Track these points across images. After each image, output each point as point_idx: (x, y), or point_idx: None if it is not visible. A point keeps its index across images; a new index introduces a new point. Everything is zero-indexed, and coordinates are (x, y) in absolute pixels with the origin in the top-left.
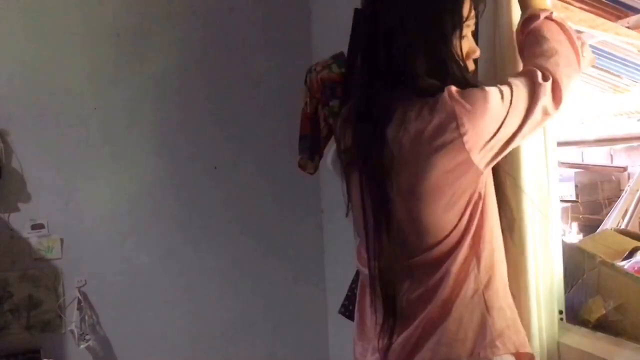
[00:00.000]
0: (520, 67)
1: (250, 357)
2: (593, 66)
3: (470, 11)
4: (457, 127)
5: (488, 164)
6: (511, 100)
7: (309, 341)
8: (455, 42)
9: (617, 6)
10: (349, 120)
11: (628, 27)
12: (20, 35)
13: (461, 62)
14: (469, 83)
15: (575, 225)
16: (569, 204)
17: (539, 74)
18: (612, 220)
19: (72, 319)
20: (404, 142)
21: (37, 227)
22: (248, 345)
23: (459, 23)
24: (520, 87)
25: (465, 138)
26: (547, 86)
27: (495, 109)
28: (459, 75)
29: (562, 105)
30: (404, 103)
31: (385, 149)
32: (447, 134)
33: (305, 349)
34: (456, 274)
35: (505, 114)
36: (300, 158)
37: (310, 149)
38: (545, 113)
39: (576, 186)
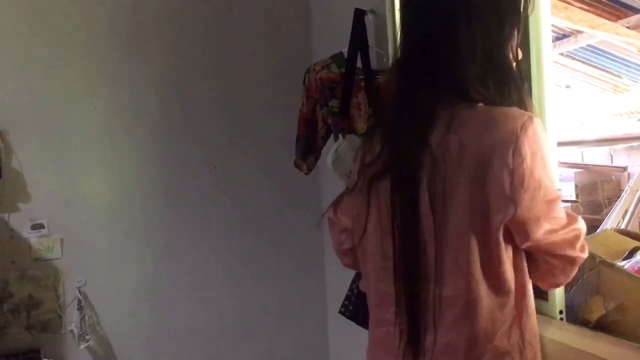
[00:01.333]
0: None
1: (250, 357)
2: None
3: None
4: (514, 157)
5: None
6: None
7: (309, 341)
8: (513, 44)
9: (617, 6)
10: (377, 129)
11: (628, 27)
12: (21, 35)
13: (515, 67)
14: (525, 91)
15: None
16: (569, 204)
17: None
18: (612, 220)
19: (72, 319)
20: (451, 147)
21: (37, 227)
22: (248, 345)
23: (517, 22)
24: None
25: (515, 171)
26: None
27: (547, 179)
28: (518, 80)
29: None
30: (448, 107)
31: (427, 152)
32: (500, 162)
33: (305, 349)
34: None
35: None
36: (295, 158)
37: (304, 150)
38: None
39: (576, 186)
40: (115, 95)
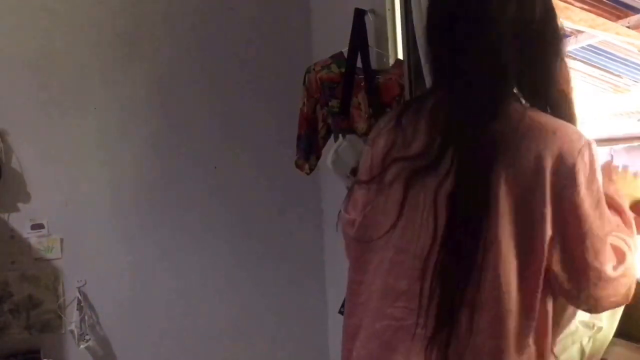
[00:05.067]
0: None
1: (250, 357)
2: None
3: None
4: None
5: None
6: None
7: (309, 341)
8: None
9: (617, 6)
10: (420, 120)
11: (628, 27)
12: (20, 35)
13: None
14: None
15: None
16: None
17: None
18: None
19: (72, 319)
20: (507, 156)
21: (37, 227)
22: (248, 345)
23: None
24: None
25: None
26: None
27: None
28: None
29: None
30: (508, 109)
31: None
32: (553, 185)
33: (305, 349)
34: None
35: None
36: (297, 158)
37: (306, 150)
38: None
39: None
40: (115, 95)
